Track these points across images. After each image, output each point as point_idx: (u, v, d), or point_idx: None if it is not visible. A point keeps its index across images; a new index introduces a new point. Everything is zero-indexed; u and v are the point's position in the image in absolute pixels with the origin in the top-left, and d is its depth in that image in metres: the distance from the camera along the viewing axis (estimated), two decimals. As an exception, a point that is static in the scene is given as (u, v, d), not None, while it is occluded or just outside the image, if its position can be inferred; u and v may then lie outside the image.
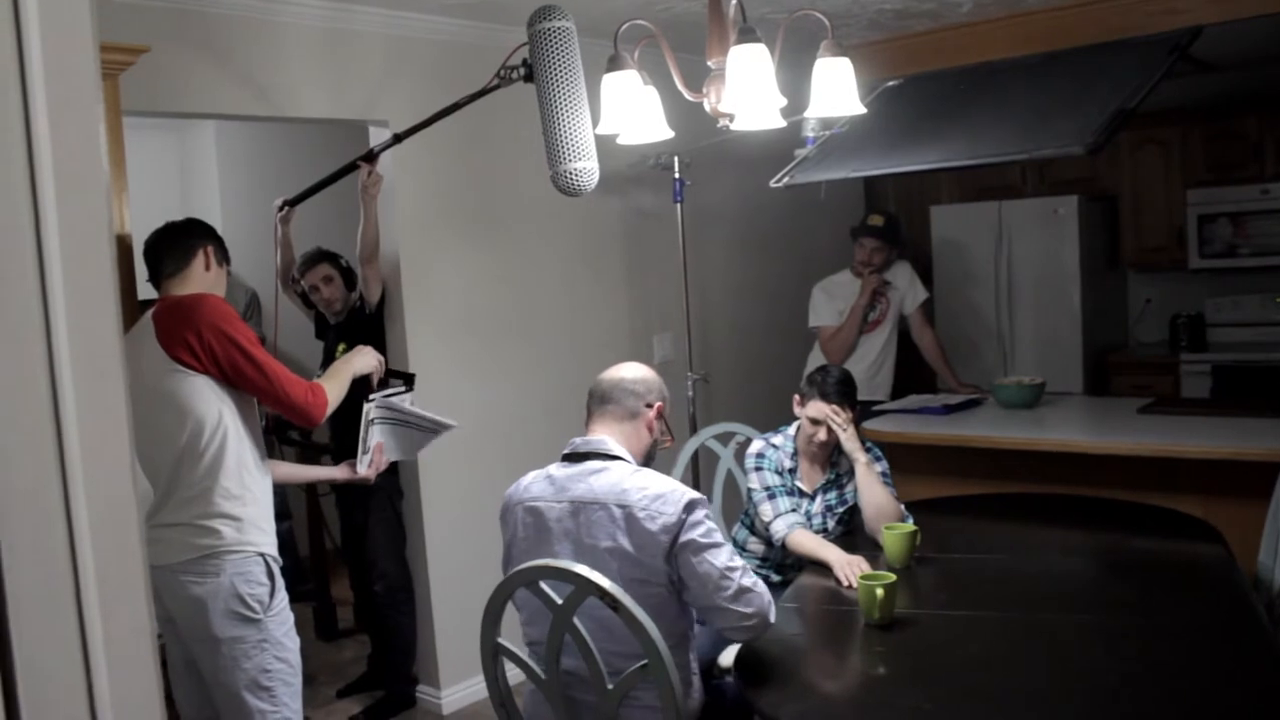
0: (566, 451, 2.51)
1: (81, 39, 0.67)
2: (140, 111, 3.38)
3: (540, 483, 2.48)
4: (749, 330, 5.59)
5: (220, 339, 2.64)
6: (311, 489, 4.98)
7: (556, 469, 2.48)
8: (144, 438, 2.73)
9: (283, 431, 4.35)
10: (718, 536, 2.31)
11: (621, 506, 2.31)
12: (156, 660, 0.74)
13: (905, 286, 5.04)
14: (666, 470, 3.68)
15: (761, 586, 2.34)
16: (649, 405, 2.55)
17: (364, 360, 3.09)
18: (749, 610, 2.29)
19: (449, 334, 4.21)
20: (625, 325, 4.95)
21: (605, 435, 2.51)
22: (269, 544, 2.74)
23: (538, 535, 2.41)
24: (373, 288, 4.01)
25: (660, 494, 2.30)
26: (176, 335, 2.62)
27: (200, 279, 2.84)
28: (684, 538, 2.26)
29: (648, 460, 2.58)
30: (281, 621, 2.73)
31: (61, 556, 0.67)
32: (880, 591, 2.52)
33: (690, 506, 2.28)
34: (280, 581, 2.75)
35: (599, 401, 2.56)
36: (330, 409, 2.85)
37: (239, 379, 2.68)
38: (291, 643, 2.75)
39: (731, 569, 2.28)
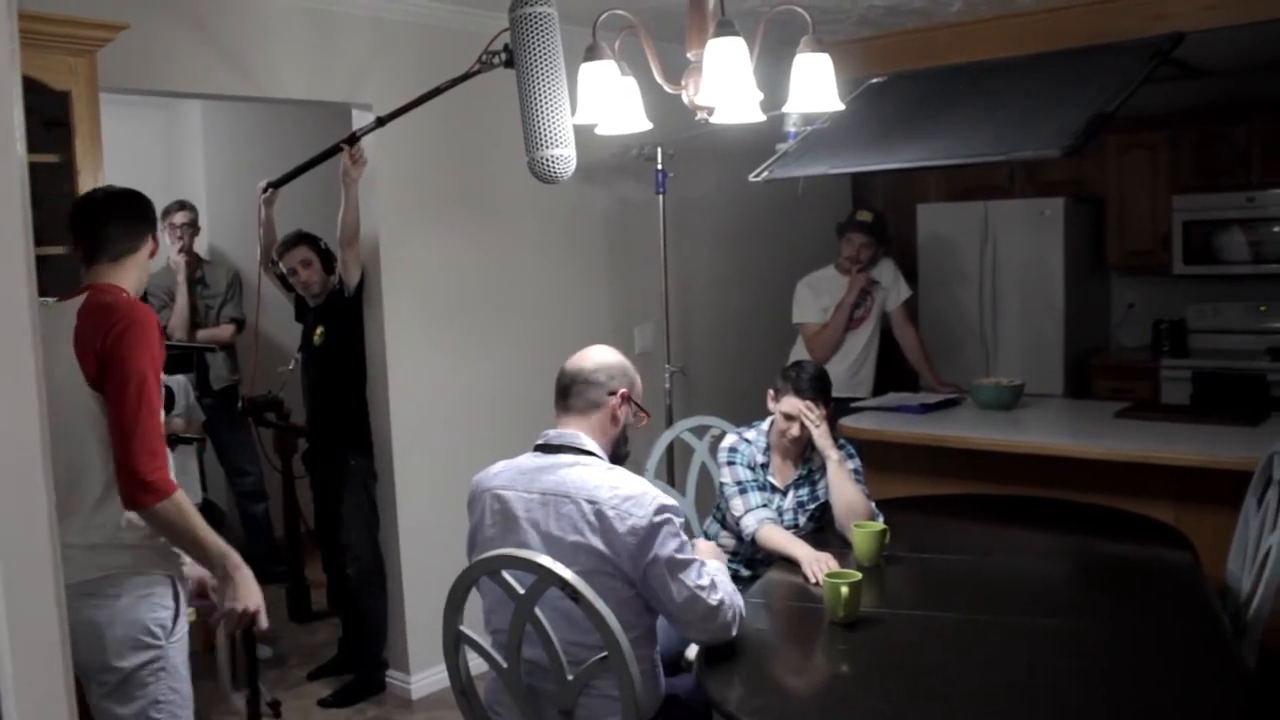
0: (539, 442, 2.50)
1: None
2: (121, 89, 3.36)
3: (510, 471, 2.47)
4: (728, 323, 5.59)
5: (127, 358, 2.31)
6: (287, 470, 4.97)
7: (528, 459, 2.47)
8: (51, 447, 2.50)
9: (258, 413, 4.36)
10: (689, 551, 2.32)
11: (591, 503, 2.29)
12: (68, 660, 0.73)
13: (889, 284, 5.04)
14: (641, 462, 3.69)
15: (729, 601, 2.37)
16: (611, 394, 2.51)
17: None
18: (712, 626, 2.34)
19: (427, 319, 4.20)
20: (606, 314, 4.94)
21: (576, 429, 2.49)
22: (177, 565, 2.48)
23: (504, 523, 2.41)
24: (352, 271, 4.00)
25: (631, 495, 2.29)
26: (89, 345, 2.32)
27: (140, 268, 2.54)
28: (657, 552, 2.25)
29: (621, 444, 2.56)
30: (181, 649, 2.48)
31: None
32: (845, 590, 2.51)
33: (661, 512, 2.27)
34: (184, 605, 2.50)
35: (560, 395, 2.54)
36: (157, 507, 2.32)
37: (109, 396, 2.32)
38: (186, 670, 2.49)
39: (701, 588, 2.30)
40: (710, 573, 2.36)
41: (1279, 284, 5.81)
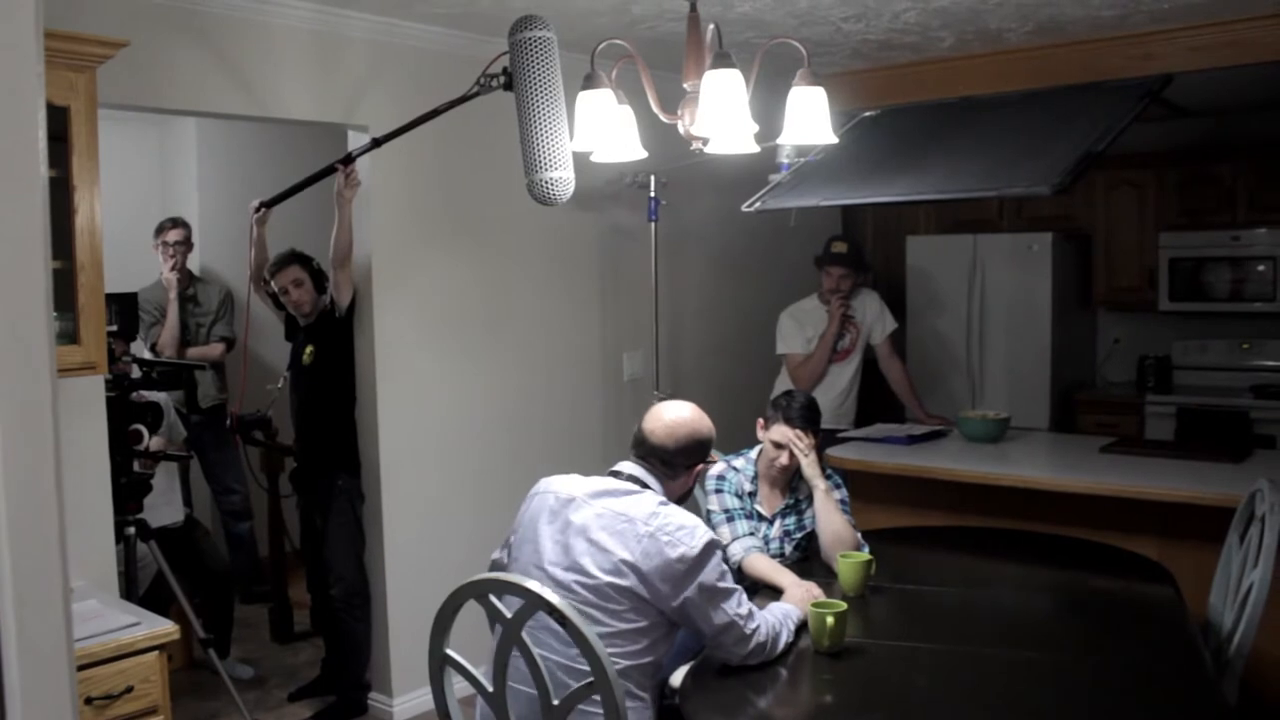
0: (613, 469, 2.64)
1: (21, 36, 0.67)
2: (119, 105, 3.36)
3: (580, 482, 2.59)
4: (717, 351, 5.61)
5: None
6: (274, 489, 4.96)
7: (598, 479, 2.60)
8: None
9: (246, 431, 4.35)
10: (730, 580, 2.45)
11: (647, 526, 2.41)
12: (72, 672, 0.74)
13: (874, 317, 5.05)
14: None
15: (766, 629, 2.49)
16: (688, 468, 2.69)
17: None
18: (744, 651, 2.45)
19: (418, 342, 4.20)
20: (596, 340, 4.95)
21: (648, 473, 2.64)
22: None
23: (562, 525, 2.49)
24: (343, 292, 4.01)
25: (685, 525, 2.42)
26: None
27: None
28: (701, 579, 2.37)
29: (685, 495, 2.74)
30: None
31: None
32: (830, 619, 2.52)
33: (711, 546, 2.41)
34: None
35: (638, 452, 2.67)
36: None
37: None
38: None
39: (740, 616, 2.43)
40: (749, 605, 2.48)
41: (1263, 321, 5.88)
